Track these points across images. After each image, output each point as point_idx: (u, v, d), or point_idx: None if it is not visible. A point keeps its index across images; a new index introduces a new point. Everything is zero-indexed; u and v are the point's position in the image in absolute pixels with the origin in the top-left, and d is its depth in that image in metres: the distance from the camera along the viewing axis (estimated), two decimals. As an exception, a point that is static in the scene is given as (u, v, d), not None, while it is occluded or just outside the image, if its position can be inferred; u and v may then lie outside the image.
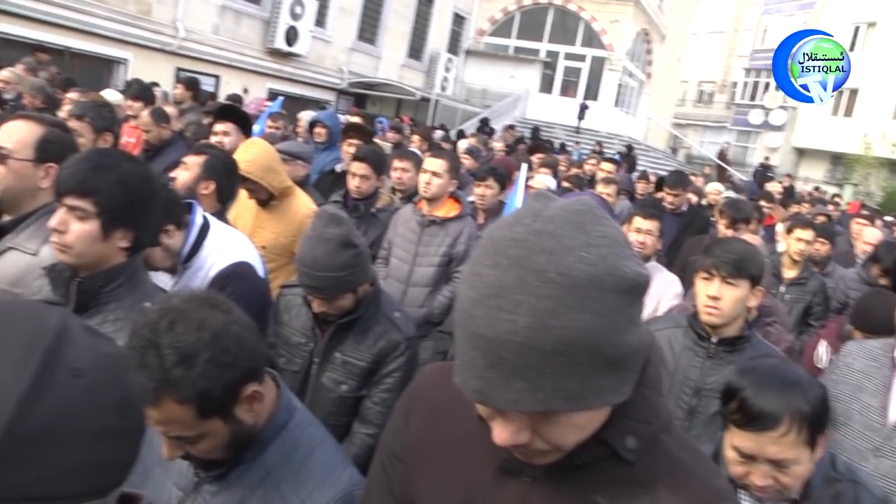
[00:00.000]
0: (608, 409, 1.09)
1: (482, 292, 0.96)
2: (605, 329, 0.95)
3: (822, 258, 6.34)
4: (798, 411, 1.82)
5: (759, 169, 25.56)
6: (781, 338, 3.67)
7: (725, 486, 1.19)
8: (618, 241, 1.00)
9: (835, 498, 1.95)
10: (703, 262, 2.86)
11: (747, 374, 1.92)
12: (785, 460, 1.84)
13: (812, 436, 1.85)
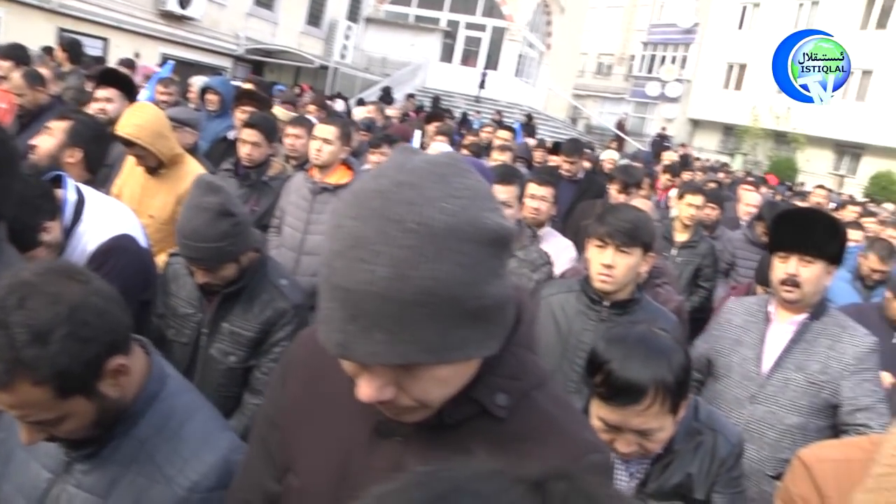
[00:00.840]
0: (474, 364, 1.09)
1: (343, 244, 0.95)
2: (465, 279, 0.95)
3: (712, 222, 6.57)
4: (662, 383, 1.83)
5: (657, 139, 26.33)
6: (670, 297, 3.76)
7: (595, 440, 1.22)
8: (481, 193, 0.99)
9: (696, 448, 2.02)
10: (596, 230, 2.88)
11: (614, 344, 1.91)
12: (649, 430, 1.88)
13: (675, 404, 1.90)
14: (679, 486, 1.99)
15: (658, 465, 2.00)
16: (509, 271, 3.20)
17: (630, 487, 2.01)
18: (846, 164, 33.75)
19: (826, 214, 2.92)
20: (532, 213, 4.39)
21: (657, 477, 2.00)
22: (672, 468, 2.00)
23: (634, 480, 2.02)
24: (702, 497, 1.99)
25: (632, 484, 2.01)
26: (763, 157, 33.48)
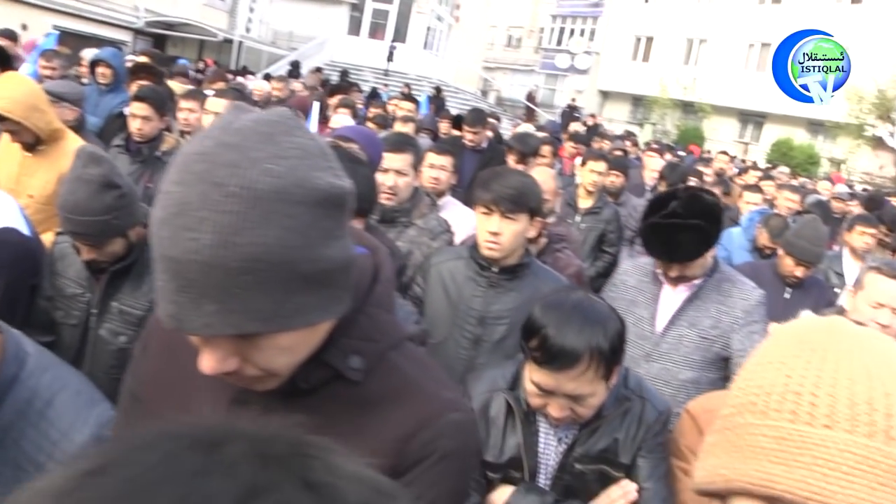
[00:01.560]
0: (323, 329, 1.06)
1: (168, 211, 0.90)
2: (295, 244, 0.91)
3: (617, 189, 6.65)
4: (597, 349, 1.84)
5: (566, 110, 26.59)
6: (570, 263, 3.79)
7: (453, 397, 1.21)
8: (312, 152, 0.95)
9: (624, 414, 2.04)
10: (481, 198, 2.85)
11: (551, 310, 1.91)
12: (582, 395, 1.89)
13: (608, 370, 1.91)
14: (605, 450, 2.01)
15: (586, 430, 2.01)
16: (410, 240, 3.15)
17: (558, 452, 2.03)
18: (750, 132, 35.04)
19: (688, 224, 2.85)
20: (432, 183, 4.38)
21: (584, 441, 2.01)
22: (599, 433, 2.02)
23: (563, 445, 2.03)
24: (627, 461, 2.01)
25: (560, 448, 2.03)
26: (671, 127, 34.35)
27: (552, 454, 2.04)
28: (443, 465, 1.15)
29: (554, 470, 2.02)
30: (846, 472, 0.73)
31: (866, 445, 0.73)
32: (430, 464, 1.14)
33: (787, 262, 4.40)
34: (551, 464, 2.03)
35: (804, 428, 0.76)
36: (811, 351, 0.80)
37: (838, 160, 29.83)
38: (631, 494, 1.98)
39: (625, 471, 2.01)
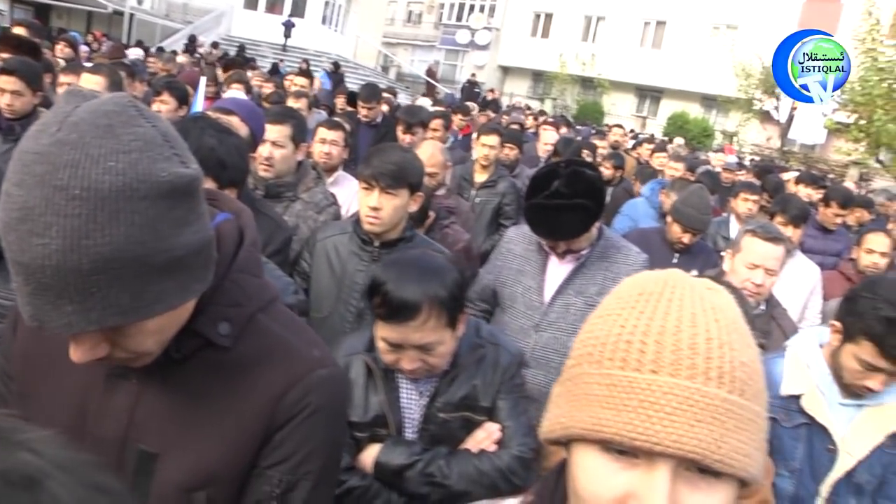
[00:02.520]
0: (188, 306, 1.11)
1: (12, 216, 0.90)
2: (145, 239, 0.93)
3: (512, 162, 6.69)
4: (436, 298, 1.91)
5: (467, 85, 26.69)
6: (459, 237, 3.79)
7: (322, 355, 1.27)
8: (154, 141, 0.95)
9: (479, 361, 2.13)
10: (361, 173, 2.89)
11: (389, 267, 1.99)
12: (429, 344, 1.95)
13: (452, 318, 1.97)
14: (466, 397, 2.09)
15: (445, 379, 2.09)
16: (296, 214, 3.05)
17: (421, 405, 2.10)
18: (647, 107, 36.06)
19: (573, 203, 2.82)
20: (323, 158, 4.41)
21: (445, 391, 2.09)
22: (458, 382, 2.10)
23: (424, 398, 2.10)
24: (488, 405, 2.11)
25: (422, 401, 2.10)
26: (571, 102, 34.94)
27: (415, 407, 2.11)
28: (314, 420, 1.22)
29: (419, 422, 2.11)
30: (669, 412, 0.77)
31: (687, 387, 0.77)
32: (301, 419, 1.21)
33: (674, 229, 4.51)
34: (416, 417, 2.11)
35: (632, 374, 0.79)
36: (645, 302, 0.84)
37: (730, 133, 30.96)
38: (495, 434, 2.09)
39: (486, 414, 2.12)
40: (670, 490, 0.77)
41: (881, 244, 4.78)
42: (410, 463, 2.03)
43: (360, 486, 2.04)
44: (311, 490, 1.26)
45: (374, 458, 2.05)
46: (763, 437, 0.83)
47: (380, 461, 2.05)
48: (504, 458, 2.06)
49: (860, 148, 25.80)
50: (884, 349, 2.14)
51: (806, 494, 2.38)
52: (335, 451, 1.35)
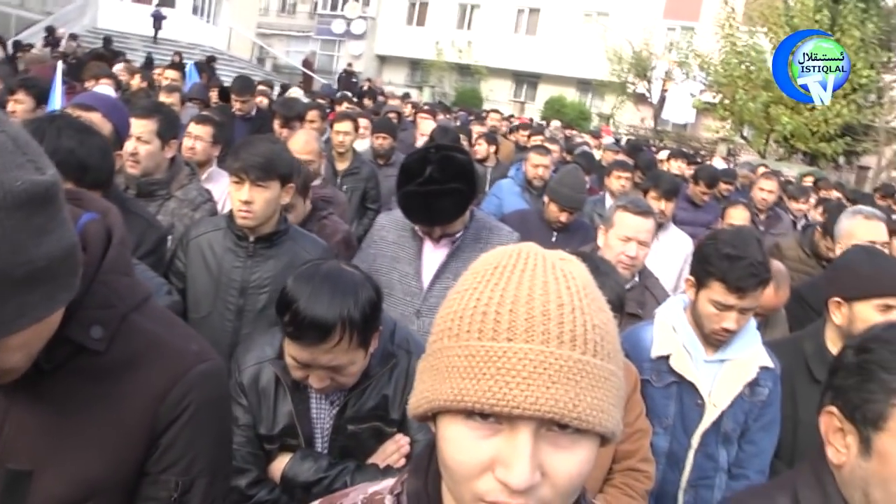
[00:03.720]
0: (55, 316, 1.06)
1: None
2: (1, 252, 0.90)
3: (387, 151, 6.71)
4: (349, 319, 1.84)
5: (343, 75, 26.43)
6: (337, 228, 3.76)
7: (199, 349, 1.26)
8: (3, 148, 0.92)
9: (391, 371, 2.10)
10: (231, 166, 2.84)
11: (301, 282, 1.88)
12: (339, 366, 1.90)
13: (364, 338, 1.92)
14: (376, 408, 2.07)
15: (356, 391, 2.05)
16: (171, 213, 2.97)
17: (331, 415, 2.07)
18: (525, 92, 36.71)
19: (446, 188, 2.83)
20: (188, 153, 4.32)
21: (355, 402, 2.06)
22: (368, 392, 2.06)
23: (335, 408, 2.07)
24: (398, 417, 2.08)
25: (333, 411, 2.07)
26: (450, 89, 35.16)
27: (325, 417, 2.08)
28: (200, 416, 1.21)
29: (329, 433, 2.08)
30: (525, 376, 0.79)
31: (542, 351, 0.80)
32: (187, 417, 1.20)
33: (552, 209, 4.63)
34: (326, 427, 2.08)
35: (489, 343, 0.82)
36: (499, 275, 0.86)
37: (606, 115, 31.95)
38: (404, 448, 2.08)
39: (397, 426, 2.10)
40: (533, 451, 0.80)
41: (740, 217, 5.22)
42: (317, 479, 2.01)
43: (268, 500, 2.02)
44: (208, 486, 1.25)
45: (283, 473, 2.03)
46: (619, 394, 0.87)
47: (286, 475, 2.03)
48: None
49: (726, 126, 27.29)
50: (729, 284, 2.34)
51: (679, 448, 2.54)
52: (226, 444, 1.34)
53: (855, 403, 1.28)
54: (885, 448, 1.23)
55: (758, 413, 2.54)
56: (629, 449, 2.37)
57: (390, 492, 1.00)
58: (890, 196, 11.32)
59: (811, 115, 25.16)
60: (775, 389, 2.54)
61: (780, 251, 4.91)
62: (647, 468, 2.38)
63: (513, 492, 0.79)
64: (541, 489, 0.81)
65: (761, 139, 26.91)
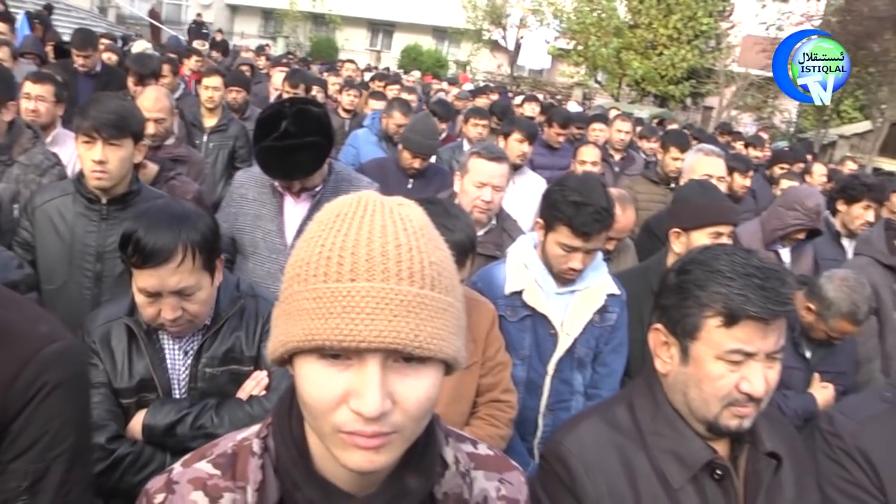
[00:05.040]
0: None
1: None
2: None
3: (241, 105, 6.58)
4: (189, 239, 1.92)
5: (193, 26, 25.28)
6: (187, 189, 3.66)
7: (49, 329, 1.24)
8: None
9: (240, 312, 2.17)
10: (81, 126, 2.73)
11: (138, 218, 1.96)
12: (187, 288, 1.95)
13: (208, 261, 2.00)
14: (230, 350, 2.13)
15: (208, 335, 2.11)
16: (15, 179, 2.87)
17: (186, 363, 2.11)
18: (381, 41, 36.27)
19: (304, 142, 2.85)
20: (30, 115, 4.07)
21: (209, 347, 2.11)
22: (222, 335, 2.13)
23: (189, 357, 2.11)
24: (252, 353, 2.16)
25: (188, 361, 2.11)
26: (304, 39, 34.33)
27: (181, 367, 2.12)
28: (54, 398, 1.18)
29: (186, 382, 2.11)
30: (369, 312, 0.86)
31: (382, 288, 0.87)
32: (39, 401, 1.16)
33: (405, 156, 4.74)
34: (182, 377, 2.12)
35: (334, 285, 0.88)
36: (341, 221, 0.92)
37: (463, 62, 32.07)
38: (263, 381, 2.16)
39: (253, 363, 2.18)
40: (382, 380, 0.87)
41: (591, 154, 5.47)
42: (180, 418, 2.03)
43: (130, 453, 2.01)
44: (65, 472, 1.22)
45: (143, 422, 2.04)
46: (458, 323, 0.95)
47: (148, 423, 2.03)
48: (273, 399, 2.09)
49: (581, 71, 28.13)
50: (574, 229, 2.50)
51: (536, 376, 2.71)
52: (83, 426, 1.30)
53: (676, 319, 1.46)
54: (698, 354, 1.42)
55: (608, 337, 2.74)
56: (491, 382, 2.49)
57: (257, 436, 1.04)
58: (728, 133, 12.11)
59: (659, 60, 26.44)
60: (622, 314, 2.74)
61: (631, 189, 5.20)
62: (509, 398, 2.52)
63: (367, 420, 0.87)
64: (393, 415, 0.89)
65: (614, 83, 27.97)
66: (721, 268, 1.41)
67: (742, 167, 5.69)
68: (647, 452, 1.48)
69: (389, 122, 6.11)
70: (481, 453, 1.18)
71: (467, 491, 1.09)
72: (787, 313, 1.39)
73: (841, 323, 2.99)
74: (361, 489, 0.99)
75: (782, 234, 4.13)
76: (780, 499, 1.51)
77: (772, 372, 1.41)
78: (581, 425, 1.56)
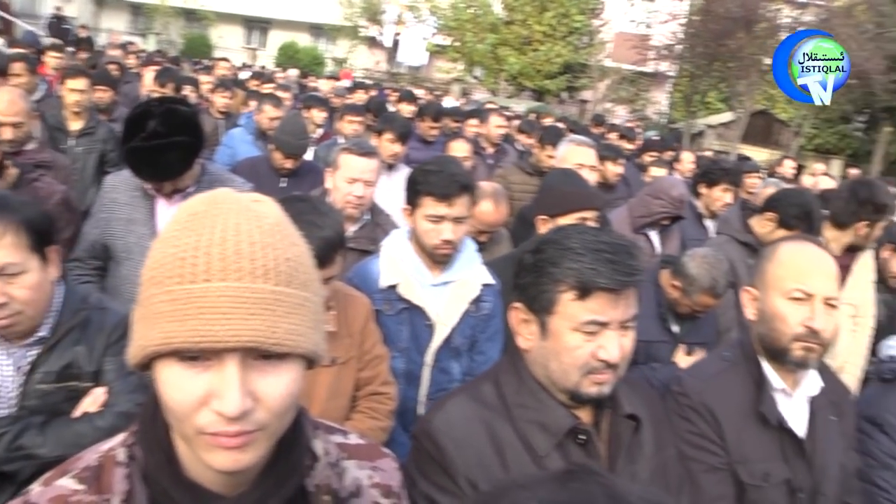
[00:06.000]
0: None
1: None
2: None
3: (108, 105, 6.38)
4: (14, 216, 1.84)
5: (53, 21, 24.02)
6: (52, 190, 3.50)
7: None
8: None
9: (83, 326, 2.04)
10: None
11: None
12: (11, 265, 1.84)
13: (37, 243, 1.89)
14: (69, 365, 2.01)
15: (45, 348, 1.98)
16: None
17: (18, 380, 1.96)
18: (257, 38, 35.59)
19: (173, 142, 2.78)
20: None
21: (45, 361, 1.98)
22: (59, 349, 2.00)
23: (22, 374, 1.97)
24: (93, 369, 2.03)
25: (19, 378, 1.96)
26: (177, 36, 33.25)
27: (10, 384, 1.97)
28: None
29: (16, 398, 1.96)
30: (224, 311, 0.86)
31: (237, 287, 0.87)
32: None
33: (277, 156, 4.75)
34: (11, 393, 1.96)
35: (189, 286, 0.87)
36: (194, 221, 0.91)
37: (341, 59, 31.88)
38: (101, 398, 2.03)
39: (93, 379, 2.05)
40: (242, 379, 0.88)
41: (461, 150, 5.54)
42: None
43: None
44: None
45: None
46: (316, 318, 0.96)
47: None
48: (107, 417, 2.00)
49: (459, 67, 28.49)
50: (436, 194, 2.58)
51: (415, 367, 2.75)
52: None
53: (533, 296, 1.53)
54: (556, 328, 1.50)
55: (483, 326, 2.81)
56: (370, 375, 2.50)
57: (122, 444, 1.03)
58: (601, 124, 12.55)
59: (535, 55, 27.13)
60: (497, 303, 2.81)
61: (505, 179, 5.33)
62: (388, 390, 2.54)
63: (229, 419, 0.87)
64: (255, 413, 0.90)
65: (492, 78, 28.45)
66: (573, 245, 1.48)
67: (613, 155, 5.93)
68: (514, 424, 1.55)
69: (262, 118, 6.08)
70: (352, 443, 1.18)
71: (338, 481, 1.10)
72: (637, 283, 1.48)
73: (703, 297, 3.15)
74: (232, 489, 0.99)
75: (649, 220, 4.34)
76: (640, 456, 1.62)
77: (626, 339, 1.50)
78: (449, 403, 1.62)
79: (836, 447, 2.04)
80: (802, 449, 1.96)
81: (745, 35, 21.70)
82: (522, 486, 0.82)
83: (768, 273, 2.00)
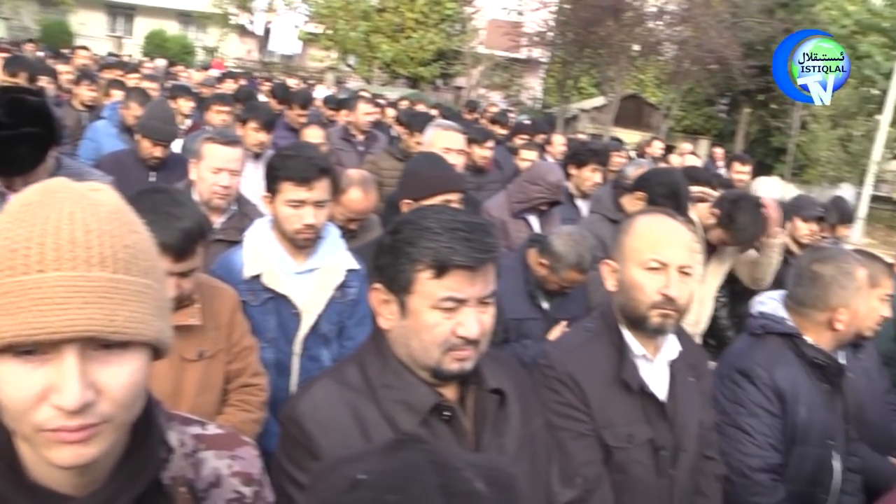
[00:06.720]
0: None
1: None
2: None
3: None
4: None
5: None
6: None
7: None
8: None
9: None
10: None
11: None
12: None
13: None
14: None
15: None
16: None
17: None
18: (122, 26, 34.23)
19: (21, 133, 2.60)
20: None
21: None
22: None
23: None
24: None
25: None
26: (31, 23, 31.38)
27: None
28: None
29: None
30: (59, 302, 0.83)
31: (72, 276, 0.84)
32: None
33: (145, 145, 4.55)
34: None
35: (22, 278, 0.84)
36: (27, 211, 0.88)
37: (211, 48, 31.05)
38: None
39: None
40: (81, 371, 0.84)
41: (315, 136, 5.50)
42: None
43: None
44: None
45: None
46: (159, 305, 0.94)
47: None
48: None
49: (332, 55, 28.24)
50: (294, 178, 2.57)
51: (284, 357, 2.71)
52: None
53: (392, 276, 1.53)
54: (415, 307, 1.51)
55: (350, 311, 2.80)
56: (239, 367, 2.46)
57: None
58: (474, 110, 12.72)
59: (408, 42, 27.21)
60: (363, 288, 2.78)
61: (375, 165, 5.32)
62: (259, 381, 2.50)
63: (69, 413, 0.84)
64: (99, 406, 0.87)
65: (365, 66, 28.32)
66: (429, 225, 1.49)
67: (480, 138, 6.05)
68: (378, 405, 1.55)
69: (127, 114, 5.84)
70: (209, 433, 1.15)
71: (194, 472, 1.07)
72: (492, 260, 1.50)
73: (570, 273, 3.23)
74: (83, 488, 0.95)
75: (528, 206, 4.43)
76: (506, 429, 1.64)
77: (485, 316, 1.52)
78: (314, 387, 1.62)
79: (695, 406, 2.16)
80: (664, 410, 2.06)
81: (613, 23, 22.54)
82: (352, 459, 0.83)
83: (626, 245, 2.08)
